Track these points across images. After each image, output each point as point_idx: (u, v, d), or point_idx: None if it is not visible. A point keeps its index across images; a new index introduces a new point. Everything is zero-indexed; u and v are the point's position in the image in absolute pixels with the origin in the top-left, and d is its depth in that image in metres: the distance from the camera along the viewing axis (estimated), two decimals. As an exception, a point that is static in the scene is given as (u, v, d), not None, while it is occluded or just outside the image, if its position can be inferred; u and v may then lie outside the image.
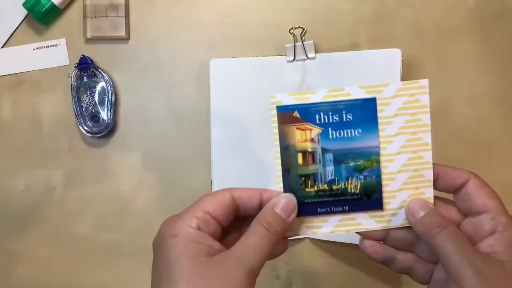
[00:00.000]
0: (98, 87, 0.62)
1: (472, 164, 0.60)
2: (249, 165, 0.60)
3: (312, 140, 0.39)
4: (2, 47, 0.64)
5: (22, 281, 0.64)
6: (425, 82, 0.38)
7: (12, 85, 0.64)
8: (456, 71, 0.61)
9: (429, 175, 0.38)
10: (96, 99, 0.63)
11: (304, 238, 0.61)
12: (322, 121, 0.38)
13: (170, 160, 0.63)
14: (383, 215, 0.39)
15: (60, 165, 0.63)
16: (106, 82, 0.62)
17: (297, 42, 0.59)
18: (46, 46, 0.64)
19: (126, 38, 0.63)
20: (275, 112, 0.39)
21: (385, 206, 0.39)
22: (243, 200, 0.37)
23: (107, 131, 0.62)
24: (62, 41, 0.64)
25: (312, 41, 0.59)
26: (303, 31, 0.59)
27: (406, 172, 0.39)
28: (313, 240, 0.61)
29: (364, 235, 0.40)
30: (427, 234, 0.37)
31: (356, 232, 0.40)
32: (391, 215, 0.39)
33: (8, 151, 0.64)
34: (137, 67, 0.63)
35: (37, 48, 0.64)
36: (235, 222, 0.38)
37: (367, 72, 0.57)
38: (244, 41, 0.62)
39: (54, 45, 0.64)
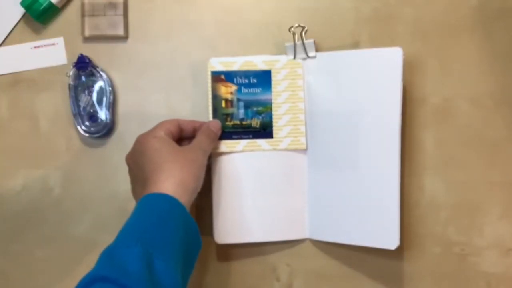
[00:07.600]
0: (96, 87, 0.62)
1: (475, 164, 0.60)
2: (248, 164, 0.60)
3: (231, 93, 0.59)
4: (-1, 46, 0.64)
5: (20, 282, 0.63)
6: (300, 60, 0.59)
7: (9, 84, 0.64)
8: (458, 70, 0.60)
9: (302, 117, 0.59)
10: (94, 98, 0.62)
11: (304, 240, 0.61)
12: (238, 82, 0.59)
13: (169, 160, 0.62)
14: (274, 141, 0.59)
15: (58, 166, 0.63)
16: (104, 81, 0.62)
17: (297, 41, 0.58)
18: (44, 45, 0.63)
19: (125, 37, 0.63)
20: (209, 74, 0.59)
21: (275, 136, 0.59)
22: (184, 125, 0.56)
23: (106, 131, 0.62)
24: (60, 40, 0.63)
25: (313, 40, 0.58)
26: (303, 29, 0.58)
27: (288, 115, 0.59)
28: (314, 241, 0.61)
29: None
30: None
31: None
32: (279, 141, 0.59)
33: (5, 151, 0.64)
34: (136, 66, 0.63)
35: (35, 47, 0.63)
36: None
37: (368, 71, 0.57)
38: (244, 40, 0.62)
39: (52, 44, 0.63)
